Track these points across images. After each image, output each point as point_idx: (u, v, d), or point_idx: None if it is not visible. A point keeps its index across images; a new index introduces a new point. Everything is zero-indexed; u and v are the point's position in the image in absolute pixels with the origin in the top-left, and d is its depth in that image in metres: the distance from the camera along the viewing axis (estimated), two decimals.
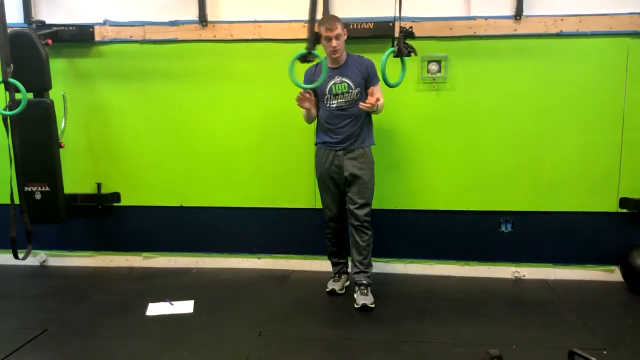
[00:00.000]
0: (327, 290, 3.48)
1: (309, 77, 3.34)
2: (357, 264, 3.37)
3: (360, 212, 3.31)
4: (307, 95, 3.26)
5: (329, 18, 3.25)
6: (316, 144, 3.44)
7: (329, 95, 3.29)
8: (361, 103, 3.18)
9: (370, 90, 3.29)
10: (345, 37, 3.26)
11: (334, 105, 3.29)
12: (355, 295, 3.33)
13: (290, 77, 3.00)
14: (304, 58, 3.06)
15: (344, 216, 3.45)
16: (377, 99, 3.19)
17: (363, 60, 3.31)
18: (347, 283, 3.58)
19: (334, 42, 3.18)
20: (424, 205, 3.77)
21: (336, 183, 3.38)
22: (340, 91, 3.27)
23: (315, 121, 3.43)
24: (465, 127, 3.67)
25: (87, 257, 4.08)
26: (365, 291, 3.31)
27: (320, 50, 3.15)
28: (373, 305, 3.26)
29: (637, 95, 3.54)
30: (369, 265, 3.38)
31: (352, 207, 3.33)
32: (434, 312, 3.24)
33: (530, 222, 3.73)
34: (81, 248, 4.08)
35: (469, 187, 3.73)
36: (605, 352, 2.71)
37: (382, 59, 2.99)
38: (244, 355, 2.71)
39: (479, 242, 3.79)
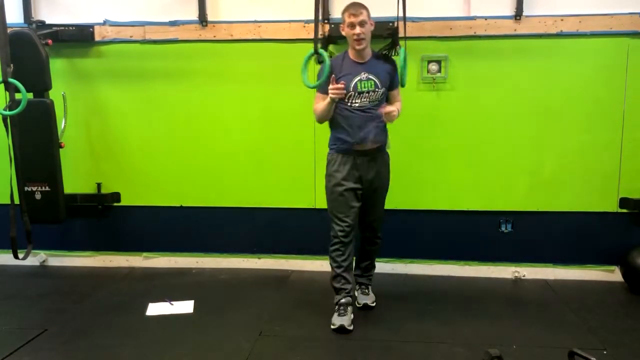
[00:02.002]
0: (332, 327, 2.96)
1: (333, 67, 3.00)
2: (361, 267, 3.33)
3: (375, 224, 3.20)
4: (342, 85, 2.89)
5: (354, 3, 2.96)
6: (331, 150, 3.11)
7: (353, 93, 2.96)
8: (384, 112, 2.95)
9: (390, 94, 3.10)
10: (372, 28, 2.98)
11: (357, 105, 2.98)
12: (356, 294, 3.29)
13: (303, 80, 2.97)
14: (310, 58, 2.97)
15: (355, 227, 3.12)
16: (394, 111, 2.97)
17: (388, 59, 3.10)
18: (352, 316, 3.07)
19: (358, 29, 2.88)
20: (424, 205, 3.77)
21: (354, 193, 3.04)
22: (366, 89, 2.97)
23: (327, 124, 3.12)
24: (465, 127, 3.67)
25: (87, 257, 4.08)
26: (367, 290, 3.30)
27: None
28: (374, 304, 3.26)
29: (637, 95, 3.54)
30: (372, 267, 3.37)
31: (369, 219, 3.16)
32: (434, 312, 3.24)
33: (530, 222, 3.73)
34: (81, 248, 4.08)
35: (469, 187, 3.73)
36: (605, 352, 2.72)
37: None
38: (244, 355, 2.71)
39: (479, 242, 3.79)
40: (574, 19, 3.50)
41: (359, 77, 2.97)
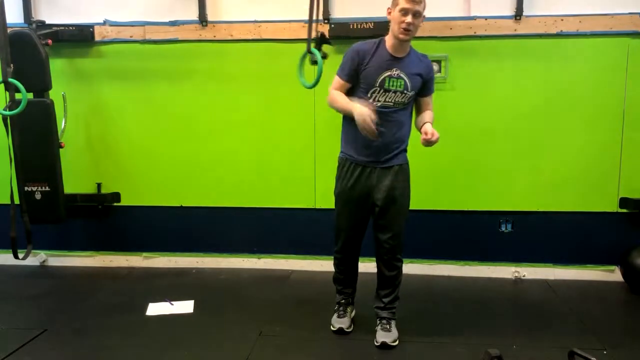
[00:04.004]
0: (332, 329, 2.93)
1: (358, 56, 2.64)
2: (382, 298, 2.86)
3: (392, 242, 2.76)
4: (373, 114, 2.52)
5: None
6: (341, 152, 2.82)
7: (377, 89, 2.62)
8: (425, 139, 2.58)
9: (422, 101, 2.75)
10: (421, 26, 2.65)
11: (379, 104, 2.63)
12: (376, 328, 2.84)
13: (301, 82, 2.92)
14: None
15: (361, 241, 2.91)
16: (433, 134, 2.57)
17: (424, 59, 2.73)
18: (353, 314, 3.06)
19: (410, 18, 2.51)
20: (424, 205, 3.75)
21: (360, 205, 2.77)
22: (394, 88, 2.61)
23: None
24: (465, 127, 3.66)
25: (87, 257, 4.08)
26: (388, 326, 2.81)
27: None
28: (395, 344, 2.77)
29: (637, 95, 3.54)
30: (396, 299, 2.88)
31: (381, 236, 2.77)
32: (434, 312, 3.24)
33: (530, 222, 3.73)
34: (81, 248, 4.08)
35: (469, 187, 3.73)
36: (605, 352, 2.72)
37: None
38: (244, 355, 2.71)
39: (479, 242, 3.79)
40: (574, 19, 3.50)
41: (389, 73, 2.62)
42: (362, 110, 2.52)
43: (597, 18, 3.48)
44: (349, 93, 2.71)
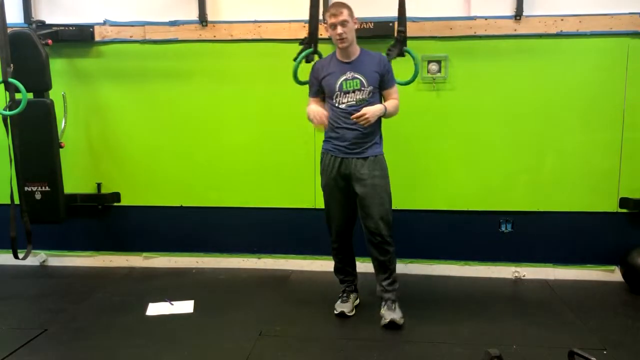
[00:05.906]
0: (335, 312, 3.15)
1: (316, 73, 3.05)
2: (381, 283, 3.10)
3: (378, 227, 2.98)
4: (325, 114, 2.92)
5: (335, 4, 2.95)
6: (322, 146, 3.12)
7: (338, 93, 2.96)
8: (353, 117, 2.86)
9: (385, 93, 3.03)
10: (356, 27, 2.97)
11: (344, 105, 2.96)
12: (382, 311, 3.05)
13: (294, 79, 2.98)
14: (308, 59, 3.03)
15: (352, 229, 3.19)
16: (364, 114, 2.83)
17: (376, 56, 3.01)
18: (357, 302, 3.28)
19: (339, 29, 2.86)
20: (424, 205, 3.77)
21: (344, 193, 3.05)
22: (352, 88, 2.94)
23: None
24: (465, 127, 3.67)
25: (87, 257, 4.08)
26: (393, 306, 3.04)
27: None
28: (402, 321, 2.99)
29: (637, 95, 3.54)
30: (395, 282, 3.10)
31: (367, 222, 3.00)
32: (434, 312, 3.24)
33: (530, 222, 3.73)
34: (81, 248, 4.08)
35: (469, 187, 3.73)
36: (605, 352, 2.72)
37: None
38: (244, 355, 2.71)
39: (479, 242, 3.79)
40: (574, 19, 3.50)
41: (344, 77, 2.96)
42: (309, 111, 2.97)
43: (597, 18, 3.48)
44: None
